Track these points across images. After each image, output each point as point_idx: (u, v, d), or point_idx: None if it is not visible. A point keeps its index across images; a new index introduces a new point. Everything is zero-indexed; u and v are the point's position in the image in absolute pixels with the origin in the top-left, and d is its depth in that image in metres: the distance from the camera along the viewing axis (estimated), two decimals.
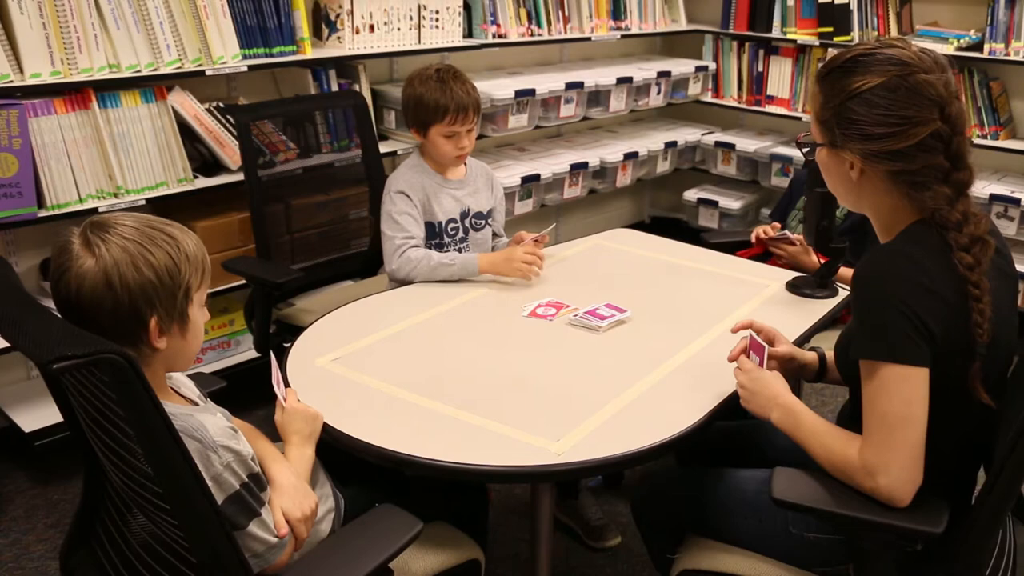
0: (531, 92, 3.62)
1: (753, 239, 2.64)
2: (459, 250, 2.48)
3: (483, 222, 2.54)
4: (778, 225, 2.65)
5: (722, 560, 1.66)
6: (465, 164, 2.52)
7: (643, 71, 4.14)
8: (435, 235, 2.44)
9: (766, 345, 1.70)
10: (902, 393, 1.35)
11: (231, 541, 1.25)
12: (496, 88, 3.54)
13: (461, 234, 2.49)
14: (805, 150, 1.56)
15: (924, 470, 1.37)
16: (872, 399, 1.38)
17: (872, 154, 1.42)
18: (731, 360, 1.74)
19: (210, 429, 1.30)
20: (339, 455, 1.66)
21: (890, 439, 1.36)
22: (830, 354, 1.80)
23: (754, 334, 1.73)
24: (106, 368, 1.08)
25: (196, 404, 1.44)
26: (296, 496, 1.43)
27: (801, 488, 1.45)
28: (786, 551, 1.61)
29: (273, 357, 1.71)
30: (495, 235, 2.59)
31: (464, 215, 2.49)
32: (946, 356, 1.36)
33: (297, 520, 1.41)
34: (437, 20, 3.43)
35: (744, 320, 1.81)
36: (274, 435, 1.59)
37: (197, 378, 1.62)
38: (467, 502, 1.85)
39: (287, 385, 1.71)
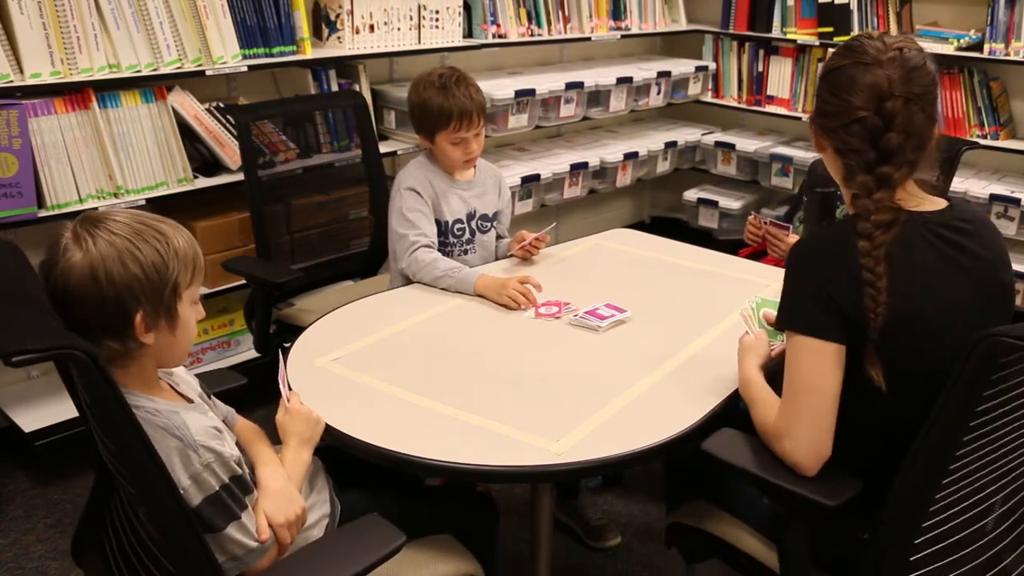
0: (531, 92, 3.62)
1: (747, 237, 2.64)
2: (464, 251, 2.47)
3: (489, 224, 2.53)
4: (754, 216, 2.64)
5: (707, 522, 1.73)
6: (475, 166, 2.52)
7: (643, 71, 4.14)
8: (441, 234, 2.43)
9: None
10: (810, 364, 1.43)
11: (200, 542, 1.24)
12: (496, 88, 3.54)
13: (467, 235, 2.48)
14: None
15: (847, 449, 1.43)
16: (787, 367, 1.47)
17: (820, 128, 1.53)
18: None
19: (192, 428, 1.30)
20: (343, 460, 1.66)
21: (796, 405, 1.44)
22: None
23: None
24: (74, 363, 1.08)
25: (191, 402, 1.44)
26: (281, 501, 1.42)
27: (730, 445, 1.53)
28: (763, 521, 1.66)
29: (281, 356, 1.71)
30: (498, 236, 2.59)
31: (471, 216, 2.48)
32: (865, 338, 1.40)
33: (280, 525, 1.39)
34: (437, 20, 3.43)
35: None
36: (274, 434, 1.59)
37: (216, 375, 1.62)
38: (475, 516, 1.81)
39: (290, 388, 1.71)
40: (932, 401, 1.41)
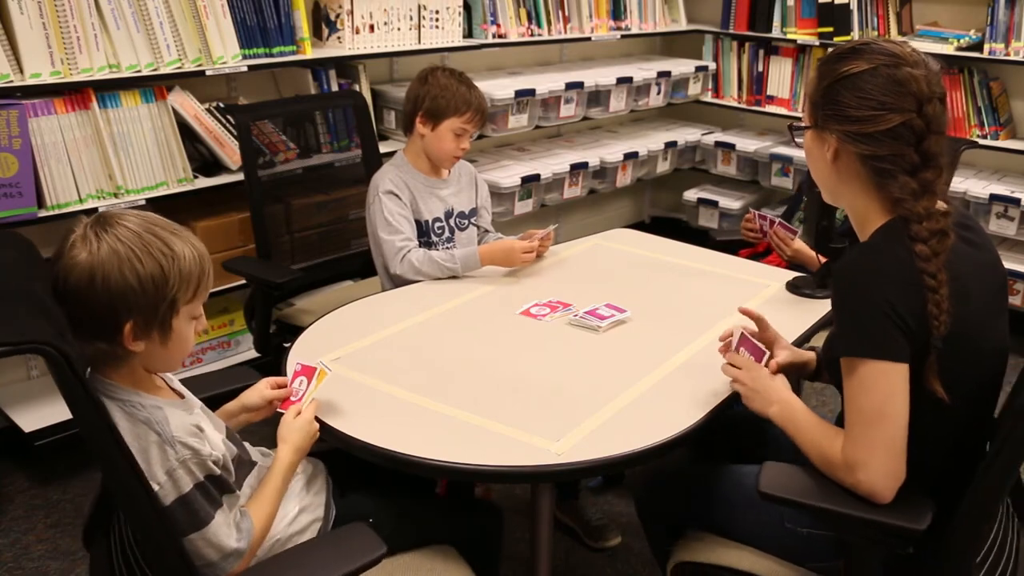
0: (531, 92, 3.62)
1: (744, 234, 2.64)
2: (445, 249, 2.47)
3: (466, 221, 2.55)
4: (752, 212, 2.65)
5: (717, 553, 1.66)
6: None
7: (643, 71, 4.14)
8: (423, 234, 2.45)
9: (766, 351, 1.71)
10: (881, 389, 1.36)
11: (173, 541, 1.24)
12: (496, 88, 3.54)
13: (447, 233, 2.50)
14: (796, 133, 1.59)
15: (909, 468, 1.37)
16: (852, 395, 1.40)
17: (847, 135, 1.46)
18: (723, 351, 1.76)
19: (172, 424, 1.31)
20: (349, 463, 1.66)
21: (869, 435, 1.37)
22: None
23: (749, 335, 1.74)
24: (45, 359, 1.08)
25: (182, 398, 1.45)
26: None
27: (787, 482, 1.46)
28: (782, 546, 1.62)
29: (327, 369, 1.64)
30: (486, 231, 2.60)
31: (449, 215, 2.50)
32: (925, 351, 1.37)
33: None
34: (437, 20, 3.43)
35: (752, 311, 1.79)
36: (272, 435, 1.58)
37: (234, 371, 1.62)
38: (480, 527, 1.80)
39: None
40: (986, 406, 1.41)
